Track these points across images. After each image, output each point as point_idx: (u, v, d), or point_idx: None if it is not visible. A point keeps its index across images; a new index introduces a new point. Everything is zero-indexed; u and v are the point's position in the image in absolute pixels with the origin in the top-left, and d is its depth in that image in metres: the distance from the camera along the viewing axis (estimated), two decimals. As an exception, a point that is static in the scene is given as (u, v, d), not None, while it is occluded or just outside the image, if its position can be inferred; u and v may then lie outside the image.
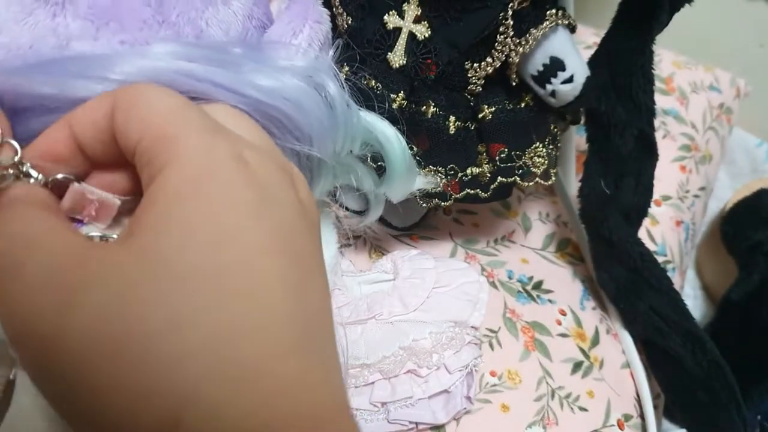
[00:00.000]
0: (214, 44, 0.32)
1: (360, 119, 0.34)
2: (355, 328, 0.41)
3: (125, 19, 0.32)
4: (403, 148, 0.36)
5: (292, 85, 0.28)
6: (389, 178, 0.37)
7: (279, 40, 0.36)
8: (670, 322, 0.46)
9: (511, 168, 0.44)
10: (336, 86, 0.30)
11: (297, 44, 0.35)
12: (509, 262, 0.52)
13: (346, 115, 0.31)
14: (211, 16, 0.35)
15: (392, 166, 0.36)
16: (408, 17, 0.43)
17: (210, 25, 0.35)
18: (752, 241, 0.74)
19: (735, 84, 0.74)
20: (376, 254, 0.48)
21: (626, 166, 0.48)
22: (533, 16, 0.42)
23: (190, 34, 0.34)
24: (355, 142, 0.34)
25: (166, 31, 0.33)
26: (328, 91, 0.30)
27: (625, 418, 0.45)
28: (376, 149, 0.36)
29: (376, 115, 0.36)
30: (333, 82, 0.30)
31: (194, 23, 0.34)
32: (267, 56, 0.29)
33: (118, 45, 0.31)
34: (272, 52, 0.30)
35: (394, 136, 0.36)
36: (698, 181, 0.65)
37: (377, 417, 0.38)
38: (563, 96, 0.44)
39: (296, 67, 0.29)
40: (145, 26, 0.32)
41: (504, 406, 0.42)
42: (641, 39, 0.44)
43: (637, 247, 0.48)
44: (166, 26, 0.33)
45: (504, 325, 0.46)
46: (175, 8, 0.34)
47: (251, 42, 0.35)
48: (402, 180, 0.38)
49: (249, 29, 0.37)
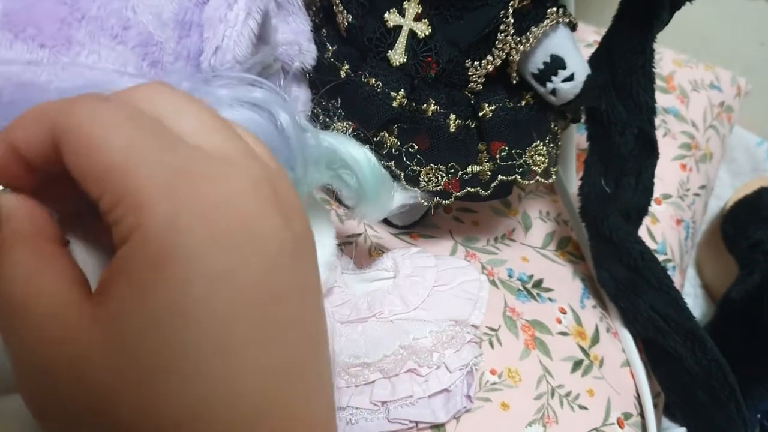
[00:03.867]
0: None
1: (320, 142, 0.33)
2: (356, 326, 0.41)
3: (41, 21, 0.31)
4: (372, 169, 0.35)
5: (242, 114, 0.28)
6: (361, 198, 0.36)
7: (215, 15, 0.34)
8: (670, 321, 0.46)
9: (512, 166, 0.44)
10: (287, 115, 0.29)
11: (234, 15, 0.34)
12: (509, 260, 0.52)
13: (301, 141, 0.31)
14: (138, 2, 0.34)
15: (362, 187, 0.35)
16: (408, 15, 0.43)
17: (138, 12, 0.34)
18: (752, 239, 0.74)
19: (735, 82, 0.74)
20: (376, 252, 0.48)
21: (627, 165, 0.48)
22: (534, 14, 0.42)
23: (115, 25, 0.33)
24: (318, 164, 0.33)
25: (88, 26, 0.32)
26: (280, 120, 0.29)
27: (625, 416, 0.45)
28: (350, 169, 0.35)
29: (344, 137, 0.35)
30: (284, 110, 0.29)
31: (119, 13, 0.33)
32: (215, 90, 0.29)
33: (39, 49, 0.31)
34: (221, 85, 0.29)
35: (363, 157, 0.35)
36: (698, 179, 0.65)
37: (377, 416, 0.38)
38: (564, 94, 0.44)
39: (246, 97, 0.29)
40: (64, 25, 0.32)
41: (504, 405, 0.42)
42: (642, 37, 0.44)
43: (638, 245, 0.48)
44: (86, 21, 0.32)
45: (504, 323, 0.46)
46: (95, 1, 0.33)
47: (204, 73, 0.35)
48: (376, 199, 0.36)
49: (188, 8, 0.36)
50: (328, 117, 0.44)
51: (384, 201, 0.37)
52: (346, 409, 0.38)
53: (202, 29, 0.36)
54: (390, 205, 0.38)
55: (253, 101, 0.28)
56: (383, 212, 0.38)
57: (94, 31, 0.33)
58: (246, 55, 0.34)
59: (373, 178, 0.35)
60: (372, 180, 0.35)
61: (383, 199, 0.37)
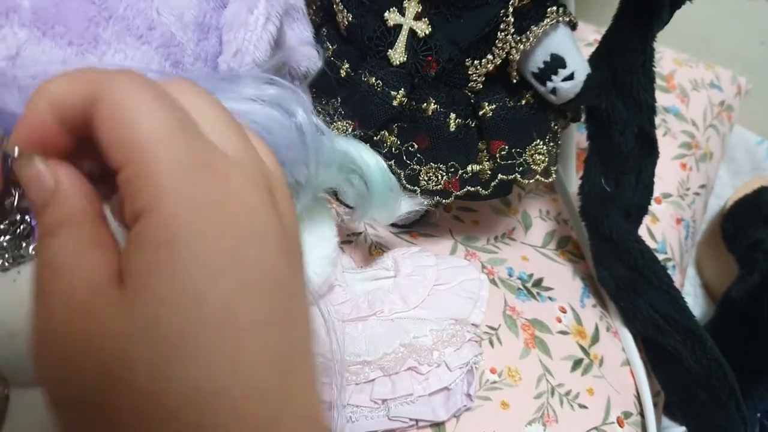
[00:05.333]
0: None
1: (334, 144, 0.34)
2: (356, 325, 0.41)
3: (70, 20, 0.32)
4: (383, 174, 0.36)
5: (261, 110, 0.28)
6: (369, 202, 0.37)
7: (235, 19, 0.35)
8: (670, 320, 0.46)
9: (512, 165, 0.44)
10: (305, 113, 0.30)
11: (254, 19, 0.35)
12: (509, 259, 0.52)
13: (317, 141, 0.32)
14: (161, 3, 0.35)
15: (371, 192, 0.37)
16: (408, 14, 0.43)
17: (161, 14, 0.35)
18: (752, 239, 0.74)
19: (736, 82, 0.74)
20: (376, 251, 0.48)
21: (627, 164, 0.48)
22: (534, 13, 0.42)
23: (140, 26, 0.34)
24: (330, 166, 0.34)
25: (115, 26, 0.33)
26: (297, 118, 0.30)
27: (625, 415, 0.45)
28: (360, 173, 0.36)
29: (357, 142, 0.36)
30: (302, 108, 0.30)
31: (144, 14, 0.34)
32: (235, 87, 0.29)
33: (67, 46, 0.31)
34: (241, 82, 0.30)
35: (375, 163, 0.36)
36: (699, 178, 0.65)
37: (377, 414, 0.38)
38: (564, 93, 0.44)
39: (265, 95, 0.30)
40: (92, 24, 0.32)
41: (504, 404, 0.42)
42: (642, 37, 0.44)
43: (638, 244, 0.48)
44: (114, 21, 0.33)
45: (504, 322, 0.46)
46: (122, 1, 0.33)
47: (222, 72, 0.35)
48: (383, 205, 0.38)
49: (206, 11, 0.36)
50: (328, 116, 0.44)
51: (391, 207, 0.38)
52: (347, 406, 0.38)
53: (219, 32, 0.36)
54: (397, 212, 0.39)
55: (272, 99, 0.29)
56: (390, 218, 0.39)
57: (121, 31, 0.33)
58: (265, 58, 0.35)
59: (383, 184, 0.36)
60: (382, 186, 0.36)
61: (390, 205, 0.38)
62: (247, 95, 0.29)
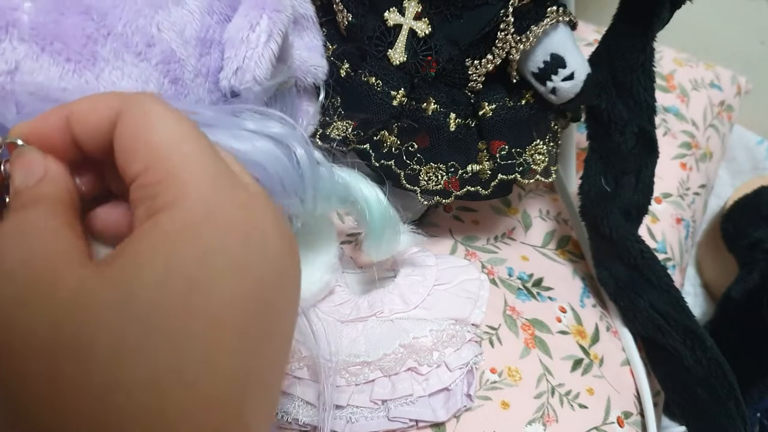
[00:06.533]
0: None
1: (333, 177, 0.35)
2: (356, 325, 0.41)
3: (68, 36, 0.32)
4: (381, 210, 0.36)
5: (261, 146, 0.29)
6: (367, 236, 0.37)
7: (237, 35, 0.35)
8: (670, 320, 0.46)
9: (512, 165, 0.44)
10: (303, 151, 0.31)
11: (256, 37, 0.35)
12: (509, 259, 0.52)
13: (315, 176, 0.32)
14: (162, 19, 0.35)
15: (369, 226, 0.37)
16: (408, 14, 0.43)
17: (162, 30, 0.35)
18: (752, 238, 0.74)
19: (736, 81, 0.74)
20: (376, 251, 0.48)
21: (627, 164, 0.48)
22: (534, 13, 0.42)
23: (139, 42, 0.34)
24: (330, 199, 0.35)
25: (113, 43, 0.33)
26: (296, 155, 0.31)
27: (625, 415, 0.45)
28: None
29: (357, 174, 0.36)
30: (301, 146, 0.31)
31: (144, 31, 0.34)
32: (237, 121, 0.30)
33: (65, 63, 0.32)
34: (243, 116, 0.30)
35: (374, 197, 0.36)
36: (699, 178, 0.65)
37: (377, 415, 0.38)
38: (564, 93, 0.44)
39: (269, 131, 0.30)
40: (90, 41, 0.32)
41: (504, 404, 0.42)
42: (642, 36, 0.44)
43: (638, 244, 0.48)
44: (112, 38, 0.33)
45: (504, 322, 0.46)
46: (121, 18, 0.33)
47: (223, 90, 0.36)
48: (379, 238, 0.38)
49: (209, 26, 0.36)
50: (327, 116, 0.44)
51: (388, 241, 0.38)
52: (346, 407, 0.38)
53: (222, 47, 0.36)
54: (395, 246, 0.39)
55: (273, 135, 0.30)
56: (387, 252, 0.39)
57: (119, 48, 0.33)
58: (266, 76, 0.35)
59: (380, 218, 0.37)
60: (379, 221, 0.37)
61: (387, 239, 0.38)
62: (247, 128, 0.29)
